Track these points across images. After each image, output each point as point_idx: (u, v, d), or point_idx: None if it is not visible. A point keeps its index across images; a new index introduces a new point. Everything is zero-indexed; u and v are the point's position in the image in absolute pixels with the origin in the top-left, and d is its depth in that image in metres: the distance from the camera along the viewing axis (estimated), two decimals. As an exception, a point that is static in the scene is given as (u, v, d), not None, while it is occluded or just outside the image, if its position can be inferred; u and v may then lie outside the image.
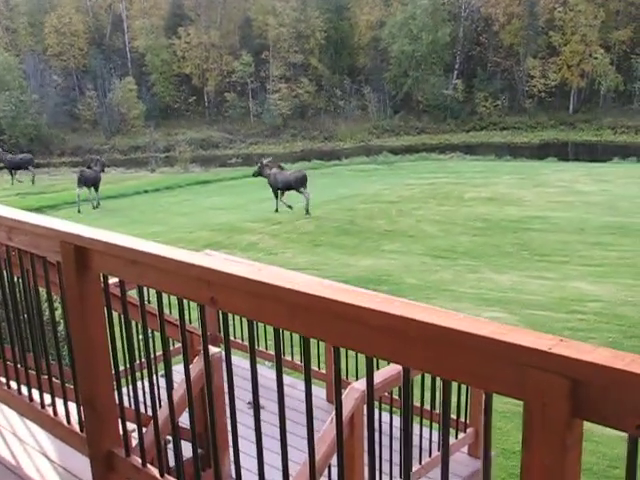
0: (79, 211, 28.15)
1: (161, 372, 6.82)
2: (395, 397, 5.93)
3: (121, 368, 2.96)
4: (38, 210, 29.35)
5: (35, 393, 3.48)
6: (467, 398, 6.26)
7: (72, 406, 3.24)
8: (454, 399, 6.18)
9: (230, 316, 2.43)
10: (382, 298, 1.89)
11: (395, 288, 16.36)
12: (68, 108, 56.95)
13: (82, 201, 28.68)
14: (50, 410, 3.37)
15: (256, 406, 2.32)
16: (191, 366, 3.68)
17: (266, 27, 59.75)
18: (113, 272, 2.77)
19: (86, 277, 2.83)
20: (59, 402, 3.34)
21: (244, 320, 2.38)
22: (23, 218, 3.13)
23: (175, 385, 3.12)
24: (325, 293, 1.95)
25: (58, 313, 3.89)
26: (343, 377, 7.52)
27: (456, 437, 6.22)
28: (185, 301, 2.52)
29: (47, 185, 37.28)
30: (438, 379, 1.97)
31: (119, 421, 2.99)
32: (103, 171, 30.91)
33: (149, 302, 2.78)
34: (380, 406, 5.23)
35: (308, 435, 2.20)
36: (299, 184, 25.41)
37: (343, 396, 4.37)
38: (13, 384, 3.62)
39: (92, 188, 29.45)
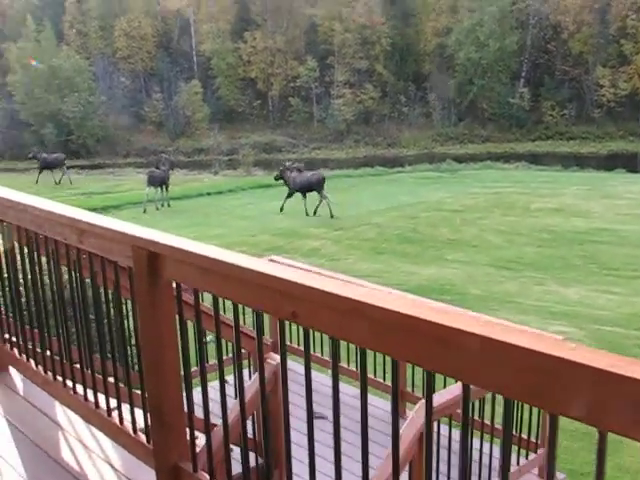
0: (144, 211, 28.47)
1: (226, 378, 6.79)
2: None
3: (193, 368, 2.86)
4: (103, 210, 29.82)
5: (101, 398, 3.41)
6: (539, 417, 6.05)
7: (139, 413, 3.15)
8: (525, 416, 5.97)
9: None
10: (483, 322, 1.74)
11: (458, 298, 16.09)
12: (134, 110, 57.87)
13: (148, 202, 29.03)
14: (116, 418, 3.30)
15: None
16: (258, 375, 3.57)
17: (332, 33, 59.79)
18: (186, 280, 2.67)
19: (158, 284, 2.74)
20: (125, 409, 3.26)
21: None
22: (94, 221, 3.06)
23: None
24: (419, 313, 1.80)
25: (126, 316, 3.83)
26: (409, 389, 7.35)
27: (526, 457, 6.01)
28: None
29: (112, 185, 37.85)
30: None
31: (187, 432, 2.89)
32: (172, 170, 31.31)
33: (224, 312, 2.65)
34: (450, 423, 5.05)
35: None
36: (317, 185, 26.35)
37: (414, 411, 4.21)
38: (79, 388, 3.56)
39: (159, 188, 29.79)
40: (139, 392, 3.11)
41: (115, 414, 3.32)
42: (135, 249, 2.77)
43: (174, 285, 2.72)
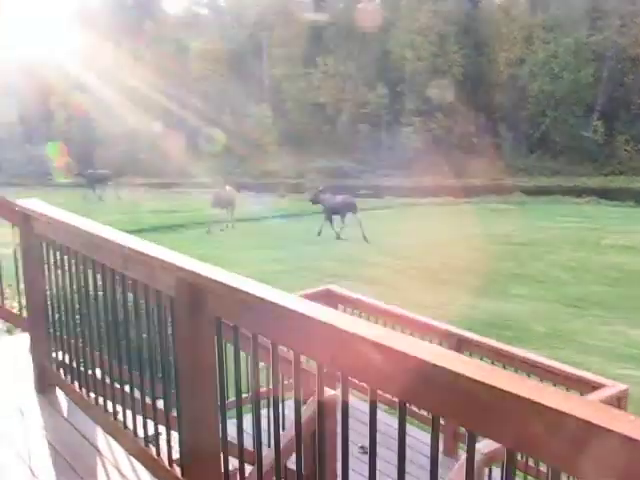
0: (208, 232, 28.74)
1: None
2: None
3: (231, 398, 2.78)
4: (169, 228, 30.25)
5: (140, 425, 3.37)
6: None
7: (175, 442, 3.09)
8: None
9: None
10: (563, 395, 1.59)
11: (521, 335, 15.77)
12: (204, 131, 58.65)
13: (213, 222, 29.30)
14: (153, 449, 3.24)
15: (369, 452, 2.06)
16: (304, 407, 3.47)
17: (403, 60, 59.80)
18: (227, 316, 2.59)
19: (200, 317, 2.67)
20: (163, 439, 3.20)
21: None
22: (140, 248, 3.02)
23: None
24: (459, 368, 1.68)
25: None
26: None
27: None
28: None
29: (180, 204, 38.36)
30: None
31: (221, 465, 2.80)
32: (238, 192, 31.63)
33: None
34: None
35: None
36: (351, 208, 27.89)
37: (461, 461, 4.05)
38: (120, 414, 3.52)
39: (224, 209, 30.09)
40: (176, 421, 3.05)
41: (152, 444, 3.26)
42: (178, 280, 2.71)
43: (215, 320, 2.65)
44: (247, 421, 2.73)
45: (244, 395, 2.82)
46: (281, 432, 2.56)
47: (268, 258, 23.64)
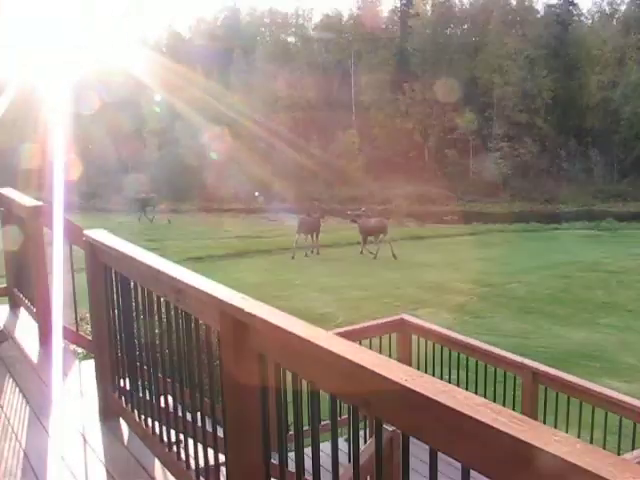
0: (293, 257, 28.94)
1: (345, 436, 6.62)
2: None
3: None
4: (255, 253, 30.60)
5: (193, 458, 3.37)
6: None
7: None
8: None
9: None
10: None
11: (609, 366, 15.27)
12: (293, 157, 59.29)
13: (298, 248, 29.47)
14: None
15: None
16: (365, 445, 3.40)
17: (491, 85, 59.23)
18: (270, 353, 2.56)
19: (243, 353, 2.65)
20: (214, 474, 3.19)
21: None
22: (190, 281, 3.03)
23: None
24: (496, 422, 1.59)
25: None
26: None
27: None
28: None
29: (265, 229, 38.78)
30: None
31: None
32: (323, 217, 31.73)
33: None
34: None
35: None
36: (383, 230, 29.99)
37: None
38: (174, 446, 3.53)
39: (309, 235, 30.26)
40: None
41: (203, 477, 3.25)
42: (223, 315, 2.71)
43: (258, 355, 2.63)
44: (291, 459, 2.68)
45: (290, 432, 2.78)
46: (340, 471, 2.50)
47: (350, 284, 23.61)
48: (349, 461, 2.42)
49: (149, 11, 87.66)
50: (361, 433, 6.69)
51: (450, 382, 6.30)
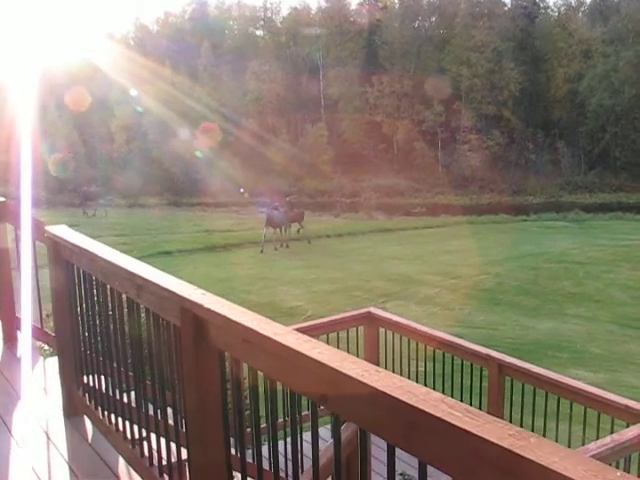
0: (262, 251, 28.91)
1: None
2: None
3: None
4: (224, 247, 30.52)
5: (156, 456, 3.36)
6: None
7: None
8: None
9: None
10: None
11: (576, 357, 15.46)
12: (261, 151, 59.14)
13: (267, 242, 29.44)
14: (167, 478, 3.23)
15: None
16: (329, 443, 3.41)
17: (459, 78, 59.45)
18: (228, 348, 2.56)
19: (203, 349, 2.64)
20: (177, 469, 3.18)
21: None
22: (150, 277, 3.01)
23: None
24: (457, 420, 1.60)
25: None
26: None
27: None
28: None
29: (234, 223, 38.68)
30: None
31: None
32: (292, 211, 31.75)
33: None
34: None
35: None
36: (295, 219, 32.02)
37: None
38: (137, 443, 3.52)
39: (278, 229, 30.28)
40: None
41: (166, 474, 3.24)
42: (182, 311, 2.70)
43: (218, 351, 2.62)
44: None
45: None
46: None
47: (319, 278, 23.64)
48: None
49: (116, 4, 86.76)
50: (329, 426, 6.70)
51: (417, 374, 6.36)
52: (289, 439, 2.55)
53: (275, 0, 74.57)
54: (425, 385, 1.97)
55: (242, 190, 49.79)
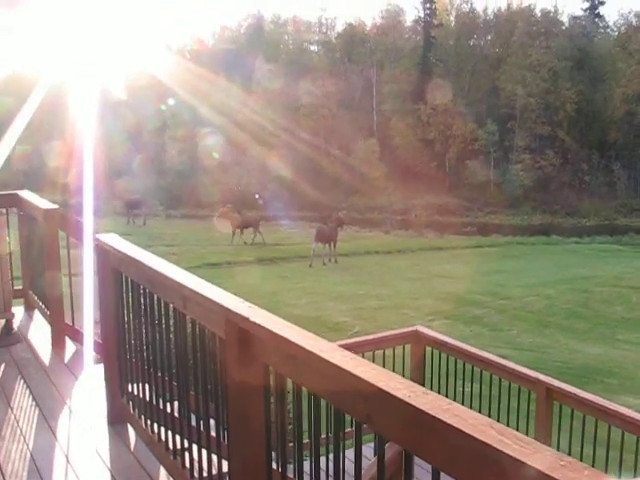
0: (310, 265, 28.93)
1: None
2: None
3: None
4: (272, 261, 30.61)
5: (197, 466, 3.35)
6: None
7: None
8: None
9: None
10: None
11: (628, 383, 15.12)
12: (313, 165, 59.27)
13: (316, 256, 29.45)
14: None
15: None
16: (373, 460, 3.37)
17: (514, 97, 58.88)
18: (272, 362, 2.53)
19: (247, 362, 2.63)
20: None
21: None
22: (196, 288, 3.01)
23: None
24: (502, 444, 1.55)
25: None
26: None
27: None
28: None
29: (283, 237, 38.78)
30: None
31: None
32: (341, 228, 31.78)
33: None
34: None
35: None
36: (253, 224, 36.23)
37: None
38: (179, 454, 3.51)
39: (327, 244, 30.27)
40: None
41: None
42: (228, 323, 2.68)
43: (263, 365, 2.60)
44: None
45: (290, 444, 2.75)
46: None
47: (367, 294, 23.56)
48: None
49: (173, 18, 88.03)
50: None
51: (463, 395, 6.28)
52: (331, 455, 2.51)
53: (330, 16, 75.03)
54: (470, 407, 1.91)
55: (257, 196, 49.86)
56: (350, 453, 2.31)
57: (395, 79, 62.51)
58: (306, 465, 2.58)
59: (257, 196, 49.41)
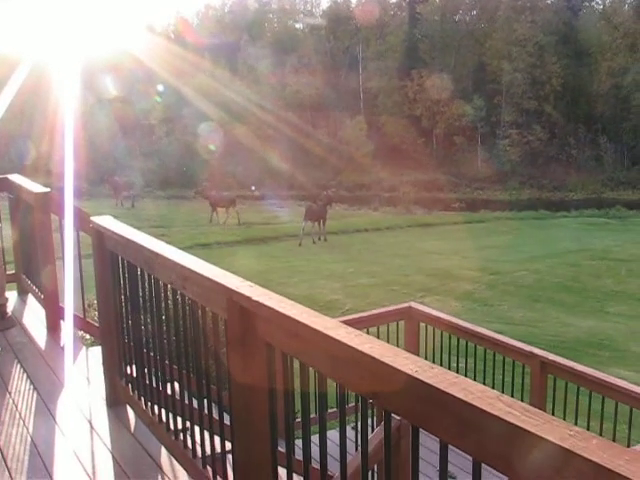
0: (300, 244, 28.94)
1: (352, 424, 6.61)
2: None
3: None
4: (262, 240, 30.61)
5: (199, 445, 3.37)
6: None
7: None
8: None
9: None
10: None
11: (617, 355, 15.26)
12: (300, 144, 59.10)
13: (305, 235, 29.47)
14: (210, 471, 3.23)
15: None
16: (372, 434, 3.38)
17: (500, 72, 58.82)
18: (276, 341, 2.54)
19: (250, 342, 2.63)
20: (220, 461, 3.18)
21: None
22: (196, 268, 3.01)
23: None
24: (516, 419, 1.56)
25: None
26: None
27: None
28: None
29: (272, 216, 38.74)
30: None
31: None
32: (330, 206, 31.76)
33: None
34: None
35: None
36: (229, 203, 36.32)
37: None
38: (180, 434, 3.53)
39: (317, 223, 30.27)
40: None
41: (209, 466, 3.25)
42: (230, 302, 2.68)
43: (266, 344, 2.60)
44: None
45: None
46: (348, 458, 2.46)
47: (357, 271, 23.61)
48: (356, 449, 2.39)
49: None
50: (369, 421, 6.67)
51: (458, 370, 6.31)
52: (335, 433, 2.52)
53: (315, -8, 74.43)
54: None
55: (253, 188, 49.69)
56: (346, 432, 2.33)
57: (381, 56, 62.27)
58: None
59: (253, 188, 49.32)
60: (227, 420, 3.13)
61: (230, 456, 3.06)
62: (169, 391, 3.68)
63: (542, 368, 6.70)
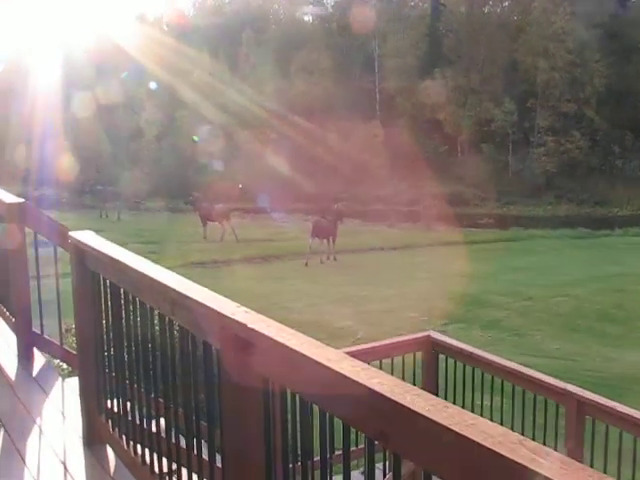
0: (306, 264, 28.95)
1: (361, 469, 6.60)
2: None
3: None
4: (263, 259, 30.65)
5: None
6: None
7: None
8: None
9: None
10: None
11: (669, 395, 15.12)
12: (307, 151, 59.03)
13: (313, 253, 29.48)
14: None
15: None
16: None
17: (535, 71, 58.78)
18: (275, 374, 2.55)
19: (246, 374, 2.64)
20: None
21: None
22: (185, 291, 3.02)
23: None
24: (540, 467, 1.57)
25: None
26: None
27: None
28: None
29: (276, 232, 38.78)
30: None
31: None
32: (340, 221, 31.72)
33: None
34: None
35: None
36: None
37: None
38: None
39: (325, 240, 30.23)
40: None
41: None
42: (223, 330, 2.70)
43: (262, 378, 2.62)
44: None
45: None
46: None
47: (372, 296, 23.60)
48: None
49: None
50: (380, 465, 6.67)
51: (482, 409, 6.30)
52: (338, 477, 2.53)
53: (326, -19, 74.85)
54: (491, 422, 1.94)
55: (241, 186, 49.60)
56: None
57: (400, 53, 62.28)
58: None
59: (240, 186, 49.16)
60: (219, 462, 3.14)
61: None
62: (154, 428, 3.69)
63: (579, 408, 6.66)
